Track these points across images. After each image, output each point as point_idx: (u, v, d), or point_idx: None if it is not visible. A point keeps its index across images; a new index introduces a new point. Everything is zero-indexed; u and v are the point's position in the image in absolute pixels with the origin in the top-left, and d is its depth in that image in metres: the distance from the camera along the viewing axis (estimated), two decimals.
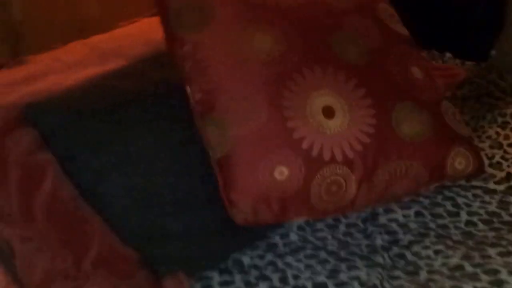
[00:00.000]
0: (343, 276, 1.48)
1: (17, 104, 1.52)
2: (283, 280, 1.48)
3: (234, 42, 1.58)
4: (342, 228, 1.63)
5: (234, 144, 1.53)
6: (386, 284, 1.47)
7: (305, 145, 1.55)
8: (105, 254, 1.45)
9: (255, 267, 1.51)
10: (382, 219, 1.65)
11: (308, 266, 1.52)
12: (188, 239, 1.50)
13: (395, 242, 1.59)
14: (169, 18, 1.58)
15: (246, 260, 1.53)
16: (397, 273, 1.50)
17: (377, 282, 1.47)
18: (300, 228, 1.62)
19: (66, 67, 1.67)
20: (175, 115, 1.58)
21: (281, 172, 1.53)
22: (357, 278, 1.48)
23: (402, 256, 1.55)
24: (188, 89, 1.57)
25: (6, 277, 1.32)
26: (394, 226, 1.64)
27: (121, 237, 1.47)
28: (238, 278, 1.49)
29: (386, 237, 1.60)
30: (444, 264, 1.51)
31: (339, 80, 1.61)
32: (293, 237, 1.60)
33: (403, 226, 1.63)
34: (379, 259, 1.53)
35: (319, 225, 1.64)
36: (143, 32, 1.71)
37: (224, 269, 1.50)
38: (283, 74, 1.57)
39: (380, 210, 1.67)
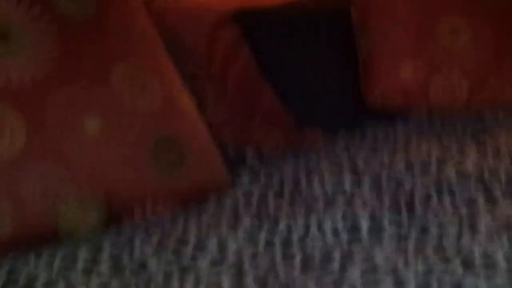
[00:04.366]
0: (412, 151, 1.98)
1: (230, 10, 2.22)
2: (375, 139, 2.01)
3: None
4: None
5: (374, 48, 2.15)
6: None
7: (426, 56, 2.12)
8: (270, 113, 2.11)
9: (362, 134, 2.04)
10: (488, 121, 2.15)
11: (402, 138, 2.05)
12: (329, 108, 2.12)
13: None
14: None
15: (367, 128, 2.10)
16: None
17: None
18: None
19: None
20: (341, 28, 2.22)
21: (406, 73, 2.11)
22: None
23: None
24: (352, 9, 2.20)
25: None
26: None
27: (283, 102, 2.12)
28: (342, 133, 2.05)
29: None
30: None
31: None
32: (412, 121, 2.14)
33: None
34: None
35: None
36: None
37: (348, 130, 2.09)
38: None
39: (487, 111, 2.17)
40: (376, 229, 1.52)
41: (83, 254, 1.45)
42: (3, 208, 1.49)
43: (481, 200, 1.62)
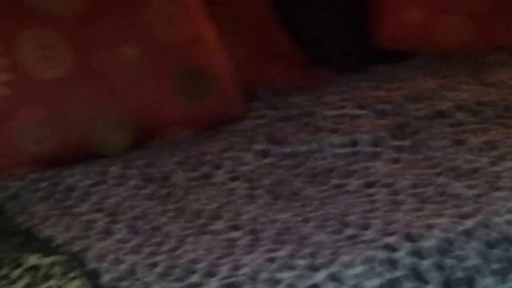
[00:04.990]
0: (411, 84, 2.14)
1: None
2: (378, 76, 2.17)
3: None
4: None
5: None
6: None
7: (431, 0, 2.29)
8: (283, 53, 2.28)
9: (367, 73, 2.22)
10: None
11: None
12: (338, 50, 2.30)
13: None
14: None
15: (372, 67, 2.27)
16: None
17: None
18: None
19: None
20: None
21: (412, 16, 2.29)
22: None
23: None
24: None
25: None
26: None
27: (295, 44, 2.30)
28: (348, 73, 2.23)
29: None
30: None
31: None
32: (415, 60, 2.31)
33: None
34: None
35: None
36: None
37: (354, 70, 2.26)
38: None
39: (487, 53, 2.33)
40: (374, 147, 1.71)
41: (114, 169, 1.65)
42: (47, 124, 1.69)
43: (471, 123, 1.80)
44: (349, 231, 1.36)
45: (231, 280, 1.22)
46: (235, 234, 1.39)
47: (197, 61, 1.86)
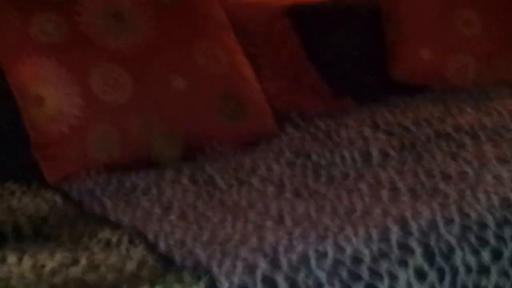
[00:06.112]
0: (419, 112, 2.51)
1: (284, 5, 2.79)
2: (393, 105, 2.52)
3: None
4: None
5: (398, 35, 2.70)
6: None
7: (442, 42, 2.66)
8: (312, 86, 2.66)
9: (384, 103, 2.57)
10: None
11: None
12: (360, 83, 2.67)
13: None
14: None
15: (389, 99, 2.63)
16: None
17: None
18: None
19: None
20: (370, 18, 2.77)
21: (425, 55, 2.65)
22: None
23: None
24: (380, 3, 2.76)
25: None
26: None
27: (323, 78, 2.67)
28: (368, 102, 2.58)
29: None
30: None
31: None
32: (426, 93, 2.66)
33: None
34: None
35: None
36: None
37: (374, 101, 2.62)
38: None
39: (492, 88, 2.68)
40: (383, 159, 2.06)
41: (168, 173, 2.03)
42: (114, 139, 2.09)
43: (468, 142, 2.15)
44: (354, 216, 1.72)
45: (257, 247, 1.58)
46: (263, 220, 1.75)
47: (235, 90, 2.25)
